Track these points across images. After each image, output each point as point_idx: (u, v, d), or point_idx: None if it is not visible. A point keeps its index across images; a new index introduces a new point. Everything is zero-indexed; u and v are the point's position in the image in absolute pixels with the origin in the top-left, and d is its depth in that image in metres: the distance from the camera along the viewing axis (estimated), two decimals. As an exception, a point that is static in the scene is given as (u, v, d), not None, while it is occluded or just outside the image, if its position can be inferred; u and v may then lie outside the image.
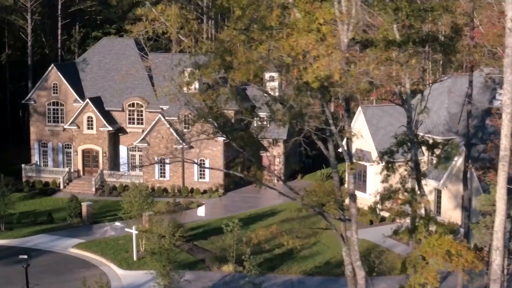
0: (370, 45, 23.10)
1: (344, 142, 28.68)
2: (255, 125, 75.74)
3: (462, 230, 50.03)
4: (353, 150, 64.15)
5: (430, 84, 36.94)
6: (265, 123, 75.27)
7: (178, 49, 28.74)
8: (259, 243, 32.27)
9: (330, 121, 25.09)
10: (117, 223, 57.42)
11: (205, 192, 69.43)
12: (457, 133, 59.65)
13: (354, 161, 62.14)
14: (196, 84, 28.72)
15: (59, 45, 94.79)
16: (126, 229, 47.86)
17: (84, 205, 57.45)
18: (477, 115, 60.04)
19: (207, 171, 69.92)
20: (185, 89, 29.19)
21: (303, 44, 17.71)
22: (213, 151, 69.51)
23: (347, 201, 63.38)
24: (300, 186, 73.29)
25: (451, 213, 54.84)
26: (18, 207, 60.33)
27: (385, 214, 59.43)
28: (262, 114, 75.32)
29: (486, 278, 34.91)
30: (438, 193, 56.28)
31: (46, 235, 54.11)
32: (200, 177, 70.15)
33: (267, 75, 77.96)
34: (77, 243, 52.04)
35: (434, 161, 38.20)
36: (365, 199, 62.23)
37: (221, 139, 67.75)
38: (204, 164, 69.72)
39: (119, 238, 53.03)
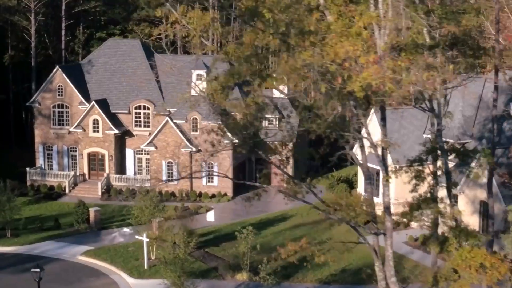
0: (402, 50, 21.80)
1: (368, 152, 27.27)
2: (263, 126, 74.57)
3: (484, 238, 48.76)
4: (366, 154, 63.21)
5: (453, 88, 35.67)
6: (272, 125, 74.21)
7: (201, 53, 27.04)
8: (286, 258, 30.66)
9: (367, 131, 23.75)
10: (126, 229, 56.16)
11: (213, 196, 68.16)
12: (472, 136, 58.42)
13: (369, 165, 61.01)
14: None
15: (63, 46, 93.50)
16: (137, 237, 46.52)
17: (92, 211, 56.15)
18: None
19: (215, 176, 68.56)
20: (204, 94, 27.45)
21: (350, 51, 16.48)
22: (221, 154, 68.12)
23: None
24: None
25: (468, 219, 53.47)
26: (24, 212, 59.01)
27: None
28: (271, 116, 74.41)
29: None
30: (455, 198, 54.99)
31: (53, 242, 52.77)
32: (208, 181, 68.86)
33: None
34: (85, 250, 50.71)
35: (467, 171, 36.87)
36: (378, 203, 60.89)
37: (229, 142, 66.44)
38: (212, 167, 68.49)
39: (129, 245, 51.72)
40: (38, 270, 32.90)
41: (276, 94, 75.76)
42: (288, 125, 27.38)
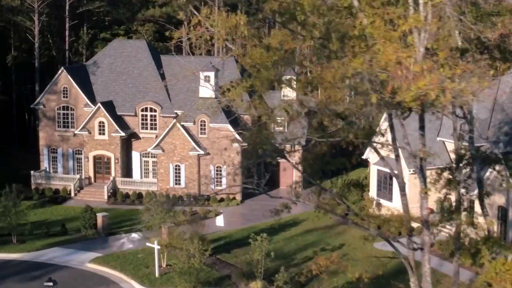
0: (435, 55, 20.50)
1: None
2: (272, 130, 73.30)
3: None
4: (378, 158, 61.85)
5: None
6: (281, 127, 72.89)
7: (225, 58, 25.72)
8: (319, 273, 29.31)
9: (406, 140, 22.46)
10: (134, 235, 54.92)
11: (222, 200, 66.87)
12: (487, 139, 57.13)
13: (382, 169, 59.70)
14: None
15: (66, 47, 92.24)
16: (148, 244, 45.19)
17: (99, 216, 54.85)
18: (508, 121, 57.69)
19: (223, 179, 67.31)
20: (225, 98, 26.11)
21: (402, 57, 15.22)
22: (230, 157, 66.89)
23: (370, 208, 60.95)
24: (323, 193, 70.64)
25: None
26: (29, 217, 57.58)
27: (414, 224, 56.93)
28: (280, 118, 73.01)
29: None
30: (471, 203, 53.69)
31: (60, 248, 51.44)
32: (217, 185, 67.55)
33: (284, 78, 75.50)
34: (94, 257, 49.38)
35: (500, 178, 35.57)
36: (391, 208, 59.64)
37: (238, 145, 65.26)
38: (221, 169, 67.22)
39: (138, 252, 50.42)
40: (51, 284, 31.54)
41: (286, 96, 74.54)
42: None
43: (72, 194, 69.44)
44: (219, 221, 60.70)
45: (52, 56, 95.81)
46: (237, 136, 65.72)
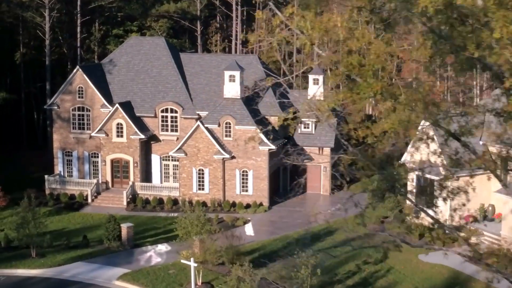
0: None
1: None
2: (299, 132, 69.72)
3: None
4: (415, 162, 58.28)
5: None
6: (309, 129, 69.31)
7: (314, 64, 22.01)
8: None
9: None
10: (161, 246, 51.41)
11: (248, 206, 63.28)
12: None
13: (419, 173, 56.02)
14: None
15: (78, 44, 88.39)
16: (183, 261, 41.47)
17: (124, 227, 51.18)
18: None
19: (250, 184, 63.69)
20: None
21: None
22: (257, 161, 63.34)
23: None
24: (354, 198, 66.92)
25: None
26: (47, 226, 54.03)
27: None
28: (307, 120, 69.39)
29: None
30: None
31: (83, 263, 47.76)
32: (243, 190, 63.92)
33: (311, 78, 71.91)
34: (121, 273, 45.69)
35: None
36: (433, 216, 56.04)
37: (266, 148, 61.77)
38: (247, 173, 63.59)
39: (168, 267, 46.77)
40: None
41: (311, 95, 70.85)
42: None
43: (89, 200, 65.84)
44: (249, 230, 57.21)
45: (62, 54, 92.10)
46: (264, 138, 62.22)
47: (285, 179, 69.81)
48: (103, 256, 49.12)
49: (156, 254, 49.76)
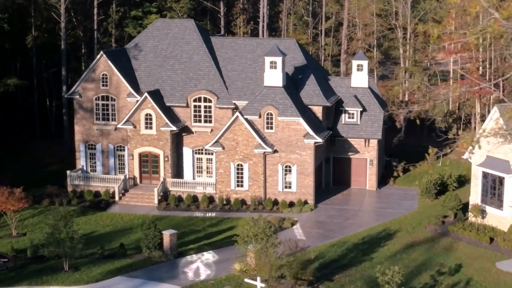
0: None
1: None
2: (343, 122, 64.05)
3: None
4: (483, 159, 52.69)
5: None
6: (354, 119, 63.67)
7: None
8: None
9: None
10: (207, 255, 45.94)
11: (292, 204, 57.78)
12: None
13: (489, 171, 50.41)
14: None
15: (95, 27, 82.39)
16: (247, 280, 35.79)
17: (166, 235, 45.61)
18: None
19: (294, 180, 58.12)
20: None
21: None
22: (301, 155, 57.72)
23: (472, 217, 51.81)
24: (402, 194, 61.85)
25: None
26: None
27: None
28: (351, 109, 63.76)
29: None
30: None
31: (124, 278, 42.02)
32: (286, 187, 58.35)
33: (355, 63, 66.13)
34: (171, 291, 40.21)
35: None
36: (500, 217, 50.65)
37: (311, 141, 56.15)
38: (290, 168, 58.03)
39: (222, 281, 41.19)
40: None
41: (355, 83, 65.29)
42: None
43: (116, 198, 60.36)
44: (299, 232, 51.73)
45: (77, 37, 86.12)
46: (310, 131, 56.62)
47: (328, 174, 64.29)
48: (145, 268, 43.52)
49: (204, 265, 44.24)
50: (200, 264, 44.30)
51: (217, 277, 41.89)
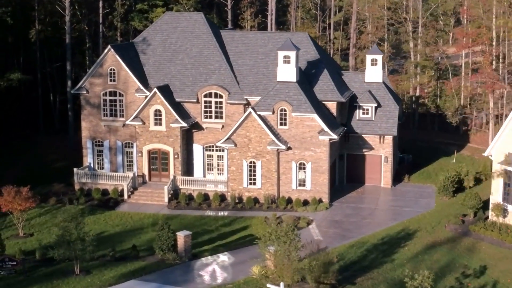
0: None
1: None
2: (357, 118, 62.40)
3: None
4: (503, 155, 51.03)
5: None
6: (368, 115, 62.00)
7: None
8: None
9: None
10: (223, 257, 44.36)
11: (306, 203, 56.18)
12: None
13: (508, 168, 48.77)
14: None
15: (100, 20, 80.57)
16: (270, 285, 34.07)
17: (180, 236, 43.96)
18: None
19: (308, 178, 56.47)
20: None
21: None
22: (316, 152, 56.08)
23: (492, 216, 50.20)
24: (418, 192, 60.22)
25: None
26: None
27: None
28: (366, 105, 62.12)
29: None
30: None
31: (137, 282, 40.27)
32: (300, 185, 56.73)
33: (369, 58, 64.42)
34: (187, 296, 38.62)
35: None
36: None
37: (326, 138, 54.55)
38: (304, 166, 56.41)
39: (240, 285, 39.60)
40: None
41: (369, 78, 63.63)
42: None
43: (125, 196, 58.75)
44: (315, 232, 50.16)
45: (82, 31, 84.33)
46: (325, 127, 55.00)
47: (341, 171, 62.68)
48: (159, 271, 41.88)
49: (220, 267, 42.62)
50: (216, 267, 42.72)
51: (235, 281, 40.29)
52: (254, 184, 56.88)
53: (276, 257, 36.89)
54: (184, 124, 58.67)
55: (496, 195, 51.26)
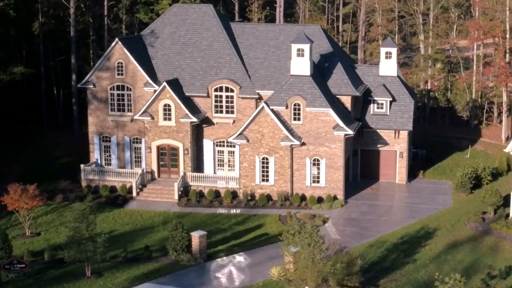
0: None
1: None
2: (371, 112, 60.81)
3: None
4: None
5: None
6: (383, 109, 60.41)
7: None
8: None
9: None
10: (239, 257, 42.79)
11: (320, 200, 54.61)
12: None
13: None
14: None
15: (105, 12, 78.81)
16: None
17: (195, 237, 42.33)
18: None
19: (322, 174, 54.88)
20: None
21: None
22: (330, 148, 54.47)
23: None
24: (434, 188, 58.63)
25: None
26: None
27: None
28: (380, 99, 60.51)
29: None
30: None
31: (152, 285, 38.65)
32: (314, 181, 55.14)
33: (383, 51, 62.87)
34: (204, 300, 37.04)
35: None
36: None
37: (341, 133, 52.92)
38: (319, 162, 54.81)
39: (258, 288, 38.12)
40: None
41: (383, 72, 62.01)
42: None
43: (134, 194, 57.19)
44: (332, 231, 48.59)
45: (86, 23, 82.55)
46: (340, 122, 53.38)
47: (355, 167, 61.09)
48: (173, 274, 40.25)
49: (236, 269, 41.04)
50: (233, 268, 41.14)
51: (253, 283, 38.71)
52: (267, 180, 55.32)
53: (300, 259, 35.25)
54: (194, 119, 57.03)
55: (518, 191, 49.71)
